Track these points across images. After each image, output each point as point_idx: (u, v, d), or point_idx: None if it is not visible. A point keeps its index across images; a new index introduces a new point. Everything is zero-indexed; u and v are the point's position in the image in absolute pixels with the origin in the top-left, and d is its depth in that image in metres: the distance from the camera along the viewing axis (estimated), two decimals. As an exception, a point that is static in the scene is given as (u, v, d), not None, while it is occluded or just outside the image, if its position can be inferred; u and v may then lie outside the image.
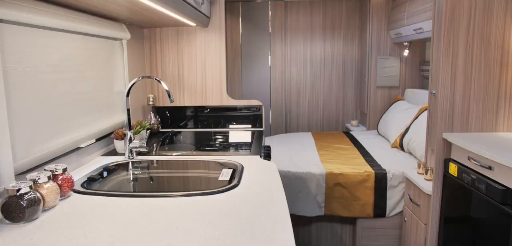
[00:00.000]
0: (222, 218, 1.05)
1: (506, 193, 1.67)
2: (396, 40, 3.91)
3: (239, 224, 1.01)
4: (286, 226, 0.99)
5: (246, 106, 2.40)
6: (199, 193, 1.22)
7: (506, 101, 2.14)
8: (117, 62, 1.92)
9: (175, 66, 2.35)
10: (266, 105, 4.54)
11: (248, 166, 1.53)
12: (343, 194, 2.80)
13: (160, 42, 2.33)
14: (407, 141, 3.13)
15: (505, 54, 2.11)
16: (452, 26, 2.10)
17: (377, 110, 4.15)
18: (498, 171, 1.74)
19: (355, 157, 3.13)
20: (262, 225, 1.00)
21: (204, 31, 2.30)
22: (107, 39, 1.80)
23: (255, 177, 1.40)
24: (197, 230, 0.98)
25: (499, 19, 2.07)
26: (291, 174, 2.84)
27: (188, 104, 2.37)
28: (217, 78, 2.33)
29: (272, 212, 1.08)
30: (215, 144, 2.03)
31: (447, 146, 2.19)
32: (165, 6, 1.51)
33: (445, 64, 2.13)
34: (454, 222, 2.12)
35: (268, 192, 1.24)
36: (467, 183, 1.97)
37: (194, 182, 1.45)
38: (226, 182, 1.33)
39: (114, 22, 1.83)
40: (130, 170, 1.57)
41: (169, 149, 1.90)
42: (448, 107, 2.17)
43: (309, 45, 4.47)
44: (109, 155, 1.76)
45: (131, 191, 1.33)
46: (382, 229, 2.84)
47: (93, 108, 1.69)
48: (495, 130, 2.18)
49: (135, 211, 1.11)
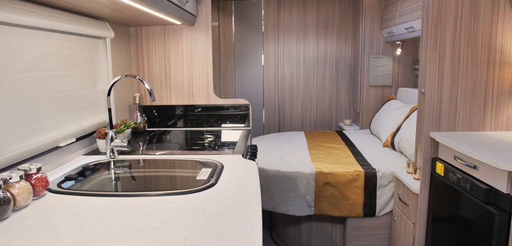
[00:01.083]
0: (194, 217, 1.04)
1: (489, 192, 1.67)
2: (389, 39, 3.90)
3: (210, 224, 1.00)
4: (256, 226, 0.98)
5: (233, 106, 2.39)
6: (174, 193, 1.21)
7: (493, 100, 2.13)
8: (101, 61, 1.90)
9: (162, 65, 2.34)
10: (259, 105, 4.53)
11: (229, 165, 1.52)
12: (332, 194, 2.79)
13: (147, 41, 2.31)
14: (398, 140, 3.12)
15: (492, 53, 2.10)
16: (439, 24, 2.09)
17: (370, 109, 4.14)
18: (482, 170, 1.73)
19: (346, 156, 3.12)
20: (232, 225, 0.99)
21: (191, 30, 2.28)
22: (89, 37, 1.79)
23: (233, 176, 1.39)
24: (166, 230, 0.97)
25: (486, 18, 2.06)
26: (281, 173, 2.83)
27: (175, 103, 2.36)
28: (204, 77, 2.32)
29: (245, 212, 1.07)
30: (201, 143, 2.02)
31: (435, 145, 2.18)
32: (146, 5, 1.49)
33: (432, 63, 2.12)
34: (442, 222, 2.11)
35: (244, 191, 1.23)
36: (453, 182, 1.96)
37: (172, 182, 1.44)
38: (203, 182, 1.32)
39: (97, 21, 1.82)
40: (109, 170, 1.56)
41: (153, 148, 1.89)
42: (435, 106, 2.16)
43: (302, 44, 4.46)
44: (92, 154, 1.75)
45: (107, 190, 1.32)
46: (372, 229, 2.84)
47: (74, 107, 1.68)
48: (482, 129, 2.17)
49: (107, 210, 1.10)
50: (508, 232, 1.61)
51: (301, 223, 2.97)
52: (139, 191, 1.29)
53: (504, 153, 1.68)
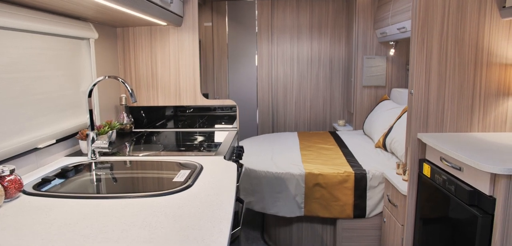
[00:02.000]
0: (164, 220, 1.03)
1: (473, 194, 1.65)
2: (382, 40, 3.89)
3: (178, 227, 0.99)
4: (223, 230, 0.97)
5: (220, 106, 2.38)
6: (148, 195, 1.20)
7: (481, 101, 2.12)
8: (84, 62, 1.90)
9: (149, 66, 2.33)
10: (253, 105, 4.53)
11: (208, 167, 1.51)
12: (322, 195, 2.78)
13: (133, 42, 2.31)
14: (390, 140, 3.11)
15: (479, 53, 2.08)
16: (426, 24, 2.07)
17: (363, 110, 4.12)
18: (466, 172, 1.72)
19: (337, 157, 3.11)
20: (201, 228, 0.98)
21: (178, 31, 2.27)
22: (71, 38, 1.78)
23: (211, 178, 1.38)
24: (133, 233, 0.96)
25: (473, 18, 2.05)
26: (271, 174, 2.82)
27: (162, 104, 2.35)
28: (191, 78, 2.31)
29: (215, 215, 1.06)
30: (185, 144, 2.01)
31: (422, 146, 2.17)
32: (126, 6, 1.49)
33: (419, 64, 2.11)
34: (430, 224, 2.09)
35: (218, 194, 1.22)
36: (439, 184, 1.95)
37: (148, 183, 1.43)
38: (180, 183, 1.31)
39: (80, 22, 1.81)
40: (88, 171, 1.55)
41: (137, 149, 1.88)
42: (422, 107, 2.14)
43: (296, 44, 4.45)
44: (75, 156, 1.74)
45: (81, 192, 1.31)
46: (362, 230, 2.82)
47: (55, 109, 1.67)
48: (470, 130, 2.15)
49: (77, 213, 1.09)
50: (491, 234, 1.59)
51: (292, 224, 2.96)
52: (113, 193, 1.28)
53: (489, 154, 1.66)
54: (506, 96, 2.11)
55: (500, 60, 2.08)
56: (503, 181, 1.51)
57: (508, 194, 1.52)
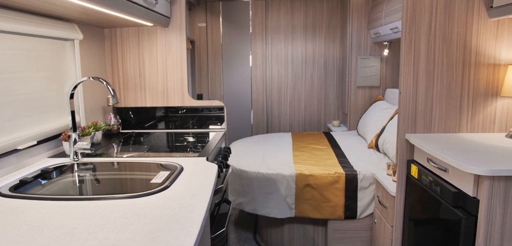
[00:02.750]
0: (134, 222, 1.02)
1: (457, 196, 1.64)
2: (376, 40, 3.87)
3: (147, 229, 0.98)
4: (192, 232, 0.96)
5: (208, 107, 2.37)
6: (122, 197, 1.19)
7: (469, 101, 2.10)
8: (68, 63, 1.89)
9: (136, 66, 2.32)
10: (247, 106, 4.52)
11: (188, 168, 1.51)
12: (313, 196, 2.77)
13: (121, 42, 2.30)
14: (382, 141, 3.09)
15: (467, 53, 2.07)
16: (414, 24, 2.06)
17: (357, 110, 4.11)
18: (452, 173, 1.71)
19: (329, 157, 3.09)
20: (169, 230, 0.97)
21: (165, 31, 2.27)
22: (55, 39, 1.77)
23: (189, 179, 1.38)
24: (101, 235, 0.95)
25: (461, 18, 2.04)
26: (261, 175, 2.81)
27: (150, 105, 2.35)
28: (179, 78, 2.30)
29: (187, 217, 1.05)
30: (171, 145, 2.01)
31: (410, 147, 2.15)
32: (104, 6, 1.48)
33: (407, 64, 2.10)
34: (418, 225, 2.08)
35: (194, 196, 1.21)
36: (425, 185, 1.93)
37: (126, 185, 1.42)
38: (156, 185, 1.30)
39: (63, 23, 1.80)
40: (68, 173, 1.54)
41: (122, 151, 1.88)
42: (411, 108, 2.13)
43: (290, 44, 4.44)
44: (59, 157, 1.74)
45: (57, 194, 1.31)
46: (353, 231, 2.81)
47: (37, 110, 1.66)
48: (458, 131, 2.14)
49: (49, 215, 1.08)
50: (474, 236, 1.58)
51: (283, 225, 2.95)
52: (89, 194, 1.28)
53: (474, 156, 1.65)
54: (494, 96, 2.09)
55: (488, 60, 2.07)
56: (486, 182, 1.50)
57: (491, 195, 1.50)
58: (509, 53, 2.05)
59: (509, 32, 2.03)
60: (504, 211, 1.52)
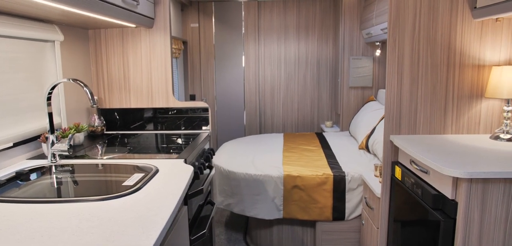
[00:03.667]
0: (97, 226, 1.02)
1: (437, 198, 1.63)
2: (368, 40, 3.86)
3: (108, 232, 0.97)
4: (152, 235, 0.95)
5: (192, 108, 2.37)
6: (91, 199, 1.19)
7: (453, 103, 2.09)
8: (48, 65, 1.89)
9: (121, 67, 2.32)
10: (240, 106, 4.51)
11: (164, 170, 1.50)
12: (301, 197, 2.75)
13: (105, 43, 2.30)
14: (372, 142, 3.08)
15: (451, 54, 2.05)
16: (398, 25, 2.05)
17: (350, 110, 4.09)
18: (433, 175, 1.69)
19: (319, 158, 3.08)
20: (130, 234, 0.96)
21: (149, 32, 2.26)
22: (33, 41, 1.77)
23: (162, 182, 1.37)
24: (61, 238, 0.94)
25: (445, 19, 2.02)
26: (250, 176, 2.80)
27: (135, 106, 2.34)
28: (163, 79, 2.30)
29: (150, 220, 1.04)
30: (152, 146, 2.00)
31: (395, 148, 2.14)
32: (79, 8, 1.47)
33: (392, 65, 2.08)
34: (403, 227, 2.06)
35: (163, 198, 1.20)
36: (408, 187, 1.92)
37: (98, 187, 1.41)
38: (128, 187, 1.29)
39: (42, 24, 1.80)
40: (43, 175, 1.54)
41: (103, 152, 1.87)
42: (395, 109, 2.12)
43: (283, 45, 4.43)
44: (39, 158, 1.73)
45: (28, 196, 1.30)
46: (341, 233, 2.80)
47: (14, 112, 1.65)
48: (443, 132, 2.12)
49: (14, 217, 1.08)
50: (453, 239, 1.57)
51: (272, 226, 2.94)
52: (59, 197, 1.27)
53: (455, 158, 1.63)
54: (479, 97, 2.08)
55: (473, 61, 2.05)
56: (464, 185, 1.49)
57: (469, 197, 1.49)
58: (493, 54, 2.03)
59: (493, 33, 2.01)
60: (482, 213, 1.50)
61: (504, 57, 2.03)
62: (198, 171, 1.80)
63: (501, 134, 1.95)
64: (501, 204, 1.49)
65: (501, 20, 2.00)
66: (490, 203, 1.49)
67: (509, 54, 2.03)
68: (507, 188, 1.47)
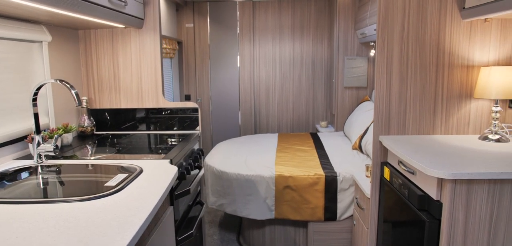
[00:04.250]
0: (74, 227, 1.02)
1: (423, 199, 1.62)
2: (363, 40, 3.85)
3: (84, 233, 0.97)
4: (127, 236, 0.95)
5: (182, 109, 2.37)
6: (71, 200, 1.19)
7: (443, 103, 2.09)
8: (36, 65, 1.89)
9: (111, 68, 2.32)
10: (235, 106, 4.51)
11: (148, 171, 1.50)
12: (293, 197, 2.75)
13: (95, 44, 2.30)
14: (365, 142, 3.08)
15: (440, 55, 2.05)
16: (386, 25, 2.04)
17: (345, 111, 4.09)
18: (419, 176, 1.69)
19: (311, 159, 3.08)
20: (105, 234, 0.96)
21: (139, 33, 2.26)
22: (20, 41, 1.77)
23: (145, 182, 1.37)
24: (35, 240, 0.94)
25: (434, 19, 2.02)
26: (241, 177, 2.80)
27: (125, 106, 2.34)
28: (153, 80, 2.30)
29: (127, 221, 1.04)
30: (140, 147, 2.00)
31: (384, 149, 2.14)
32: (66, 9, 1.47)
33: (381, 65, 2.08)
34: (392, 227, 2.06)
35: (143, 199, 1.20)
36: (396, 188, 1.92)
37: (80, 188, 1.41)
38: (110, 188, 1.29)
39: (29, 24, 1.80)
40: (28, 175, 1.54)
41: (91, 153, 1.87)
42: (384, 109, 2.11)
43: (278, 45, 4.43)
44: (26, 159, 1.74)
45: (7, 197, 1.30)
46: (333, 233, 2.80)
47: (0, 112, 1.66)
48: (432, 133, 2.12)
49: (-8, 218, 1.08)
50: (438, 239, 1.56)
51: (265, 226, 2.94)
52: (39, 197, 1.27)
53: (441, 158, 1.63)
54: (468, 98, 2.07)
55: (462, 61, 2.05)
56: (449, 186, 1.48)
57: (454, 198, 1.49)
58: (482, 55, 2.03)
59: (482, 34, 2.01)
60: (466, 214, 1.50)
61: (493, 57, 2.03)
62: (184, 171, 1.80)
63: (490, 134, 1.95)
64: (486, 205, 1.49)
65: (489, 20, 2.00)
66: (474, 203, 1.49)
67: (498, 55, 2.02)
68: (491, 189, 1.47)
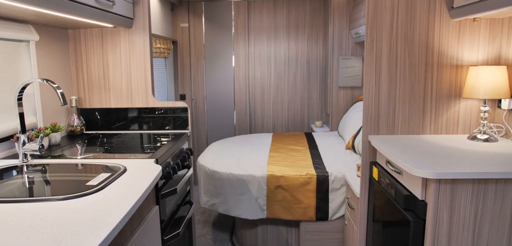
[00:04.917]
0: (50, 226, 1.01)
1: (408, 199, 1.62)
2: (357, 40, 3.85)
3: (58, 233, 0.97)
4: (100, 236, 0.95)
5: (172, 108, 2.36)
6: (52, 199, 1.19)
7: (432, 103, 2.08)
8: (23, 65, 1.89)
9: (101, 67, 2.32)
10: (230, 106, 4.51)
11: (132, 170, 1.50)
12: (285, 197, 2.75)
13: (85, 43, 2.30)
14: (357, 142, 3.07)
15: (429, 54, 2.04)
16: (375, 24, 2.04)
17: (339, 110, 4.09)
18: (405, 176, 1.69)
19: (304, 158, 3.08)
20: (79, 234, 0.96)
21: (128, 32, 2.26)
22: (6, 41, 1.77)
23: (127, 182, 1.37)
24: (10, 239, 0.94)
25: (423, 18, 2.01)
26: (233, 176, 2.80)
27: (114, 106, 2.34)
28: (142, 79, 2.30)
29: (102, 220, 1.04)
30: (127, 146, 2.00)
31: (374, 149, 2.13)
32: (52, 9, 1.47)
33: (369, 65, 2.08)
34: (382, 227, 2.06)
35: (122, 198, 1.20)
36: (383, 187, 1.91)
37: (62, 187, 1.41)
38: (91, 187, 1.29)
39: (15, 23, 1.80)
40: (12, 174, 1.54)
41: (78, 152, 1.87)
42: (373, 109, 2.11)
43: (273, 45, 4.42)
44: (12, 158, 1.74)
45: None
46: (325, 233, 2.79)
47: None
48: (422, 132, 2.11)
49: (-31, 218, 1.08)
50: (423, 240, 1.56)
51: (257, 226, 2.94)
52: (19, 196, 1.27)
53: (430, 158, 1.62)
54: (457, 98, 2.07)
55: (451, 61, 2.04)
56: (433, 185, 1.48)
57: (438, 198, 1.48)
58: (471, 54, 2.02)
59: (471, 33, 2.01)
60: (451, 214, 1.49)
61: (481, 57, 2.02)
62: (171, 171, 1.80)
63: (478, 134, 1.94)
64: (470, 205, 1.48)
65: (478, 20, 1.99)
66: (458, 203, 1.48)
67: (487, 54, 2.02)
68: (475, 189, 1.47)
